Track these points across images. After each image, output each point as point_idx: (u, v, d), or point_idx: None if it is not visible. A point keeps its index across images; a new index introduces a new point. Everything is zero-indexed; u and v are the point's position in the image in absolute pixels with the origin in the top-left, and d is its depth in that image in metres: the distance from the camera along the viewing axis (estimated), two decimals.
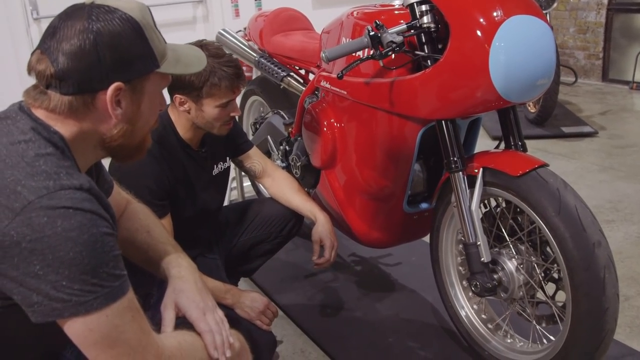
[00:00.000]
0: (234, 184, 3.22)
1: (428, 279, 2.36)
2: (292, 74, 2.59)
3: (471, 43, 1.57)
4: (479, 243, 1.70)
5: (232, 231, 2.19)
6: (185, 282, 1.32)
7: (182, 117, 1.86)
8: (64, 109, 1.05)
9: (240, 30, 2.99)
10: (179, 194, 1.90)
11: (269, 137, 2.69)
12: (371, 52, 1.68)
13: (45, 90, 1.05)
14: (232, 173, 2.97)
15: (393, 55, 1.71)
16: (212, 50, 1.80)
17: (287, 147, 2.54)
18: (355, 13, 2.02)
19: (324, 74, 2.15)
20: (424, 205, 2.14)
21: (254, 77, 3.17)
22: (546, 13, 4.24)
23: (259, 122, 2.86)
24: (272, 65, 2.64)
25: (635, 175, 3.57)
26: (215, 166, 2.06)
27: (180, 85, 1.78)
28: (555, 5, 4.20)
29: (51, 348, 1.16)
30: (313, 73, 2.48)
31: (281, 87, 2.64)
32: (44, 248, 0.92)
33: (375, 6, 2.03)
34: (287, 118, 2.59)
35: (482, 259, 1.70)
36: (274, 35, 2.69)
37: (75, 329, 0.98)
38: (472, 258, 1.72)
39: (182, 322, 1.28)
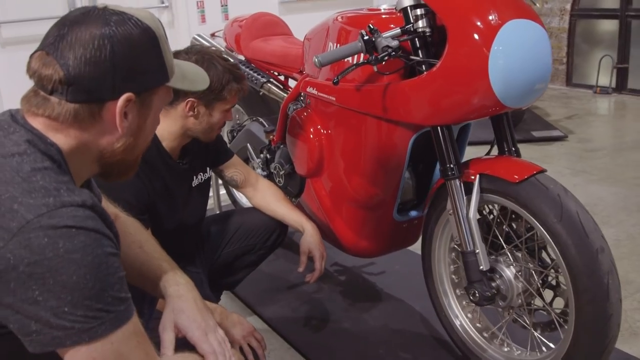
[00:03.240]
0: (211, 201, 3.14)
1: (414, 287, 2.33)
2: (272, 80, 2.53)
3: (470, 47, 1.54)
4: (477, 251, 1.67)
5: (214, 243, 2.11)
6: (185, 301, 1.24)
7: (177, 123, 1.79)
8: (67, 118, 0.97)
9: (218, 32, 2.92)
10: (158, 207, 1.82)
11: (248, 145, 2.62)
12: (367, 57, 1.63)
13: (49, 97, 0.97)
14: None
15: (386, 62, 1.68)
16: (218, 52, 1.77)
17: (269, 155, 2.48)
18: (341, 18, 1.97)
19: (310, 79, 2.09)
20: (413, 213, 2.10)
21: None
22: None
23: (236, 130, 2.79)
24: (251, 72, 2.57)
25: (608, 178, 3.62)
26: (195, 177, 1.98)
27: None
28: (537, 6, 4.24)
29: None
30: (294, 79, 2.42)
31: (260, 93, 2.57)
32: (44, 272, 0.85)
33: (362, 10, 1.98)
34: (267, 125, 2.53)
35: (481, 267, 1.67)
36: (252, 41, 2.62)
37: (77, 358, 0.90)
38: (470, 267, 1.68)
39: (183, 344, 1.21)
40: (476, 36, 1.52)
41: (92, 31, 0.97)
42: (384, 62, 1.66)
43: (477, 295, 1.68)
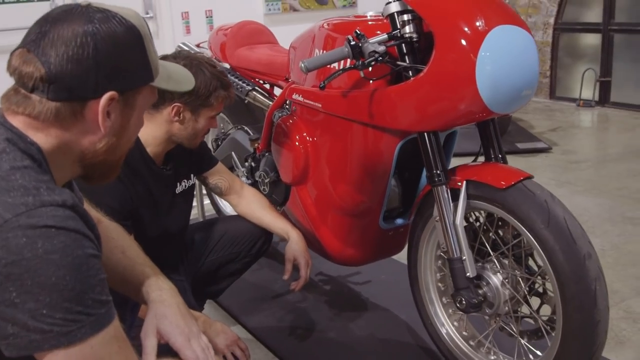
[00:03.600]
0: (194, 203, 3.10)
1: (400, 297, 2.32)
2: (257, 88, 2.52)
3: (457, 53, 1.54)
4: (464, 258, 1.65)
5: (198, 251, 2.08)
6: (168, 306, 1.22)
7: (162, 128, 1.76)
8: (48, 116, 0.95)
9: (202, 43, 2.91)
10: (141, 213, 1.79)
11: (233, 153, 2.60)
12: (354, 62, 1.62)
13: (29, 95, 0.95)
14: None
15: (373, 68, 1.67)
16: (207, 59, 1.76)
17: (253, 164, 2.45)
18: (327, 25, 1.97)
19: (295, 86, 2.08)
20: (399, 221, 2.08)
21: None
22: None
23: (220, 139, 2.76)
24: (236, 80, 2.56)
25: (592, 189, 3.64)
26: (179, 184, 1.95)
27: (186, 92, 1.70)
28: None
29: None
30: (280, 87, 2.41)
31: (245, 101, 2.56)
32: (22, 272, 0.82)
33: (348, 17, 1.98)
34: (252, 134, 2.51)
35: (468, 274, 1.65)
36: (237, 49, 2.61)
37: None
38: (457, 274, 1.66)
39: (165, 350, 1.18)
40: (463, 42, 1.52)
41: (74, 28, 0.94)
42: (370, 68, 1.66)
43: (464, 302, 1.66)
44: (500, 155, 1.77)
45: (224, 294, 2.22)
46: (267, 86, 2.58)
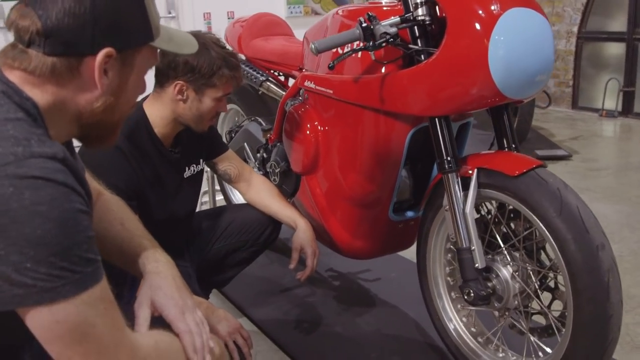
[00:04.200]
0: (206, 198, 3.08)
1: (410, 295, 2.27)
2: (270, 79, 2.50)
3: (469, 34, 1.50)
4: (473, 248, 1.60)
5: (205, 238, 2.06)
6: (163, 278, 1.19)
7: (168, 108, 1.74)
8: (45, 71, 0.93)
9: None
10: (148, 195, 1.77)
11: (245, 144, 2.58)
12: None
13: (26, 50, 0.93)
14: (204, 185, 2.84)
15: (384, 51, 1.64)
16: (215, 39, 1.73)
17: (265, 155, 2.43)
18: (341, 12, 1.94)
19: (308, 73, 2.06)
20: (409, 214, 2.04)
21: None
22: None
23: (234, 131, 2.75)
24: (250, 70, 2.54)
25: (612, 197, 3.56)
26: (187, 168, 1.93)
27: (188, 70, 1.69)
28: None
29: (7, 344, 1.01)
30: (294, 77, 2.39)
31: (260, 92, 2.54)
32: (8, 223, 0.79)
33: (362, 4, 1.95)
34: (264, 124, 2.49)
35: (477, 265, 1.60)
36: (253, 40, 2.59)
37: (38, 320, 0.85)
38: (465, 264, 1.62)
39: (158, 322, 1.15)
40: (476, 23, 1.48)
41: None
42: (381, 49, 1.63)
43: (472, 294, 1.61)
44: (514, 146, 1.72)
45: (231, 286, 2.20)
46: (282, 78, 2.56)
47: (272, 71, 2.55)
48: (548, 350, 1.62)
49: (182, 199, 1.91)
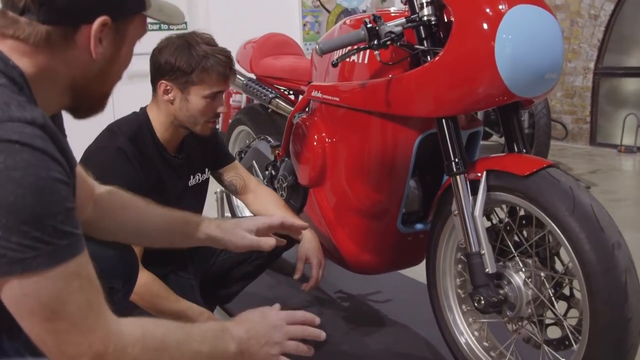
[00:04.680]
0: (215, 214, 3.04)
1: (421, 315, 2.18)
2: (280, 96, 2.49)
3: (475, 31, 1.48)
4: (483, 252, 1.54)
5: (209, 249, 2.01)
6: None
7: (163, 111, 1.73)
8: (38, 40, 0.91)
9: None
10: (150, 199, 1.74)
11: (254, 162, 2.56)
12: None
13: (18, 18, 0.91)
14: (214, 211, 2.80)
15: (390, 54, 1.62)
16: (205, 38, 1.71)
17: (273, 172, 2.40)
18: (348, 21, 1.95)
19: (315, 83, 2.04)
20: (419, 226, 1.98)
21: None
22: None
23: (244, 151, 2.73)
24: (260, 88, 2.54)
25: (632, 226, 3.46)
26: (192, 176, 1.91)
27: (169, 69, 1.67)
28: None
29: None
30: (303, 93, 2.38)
31: (269, 110, 2.53)
32: None
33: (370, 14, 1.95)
34: (273, 141, 2.47)
35: (487, 269, 1.53)
36: (263, 58, 2.60)
37: (8, 292, 0.81)
38: (475, 269, 1.55)
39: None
40: (482, 20, 1.46)
41: None
42: (387, 52, 1.61)
43: (483, 301, 1.54)
44: (524, 151, 1.67)
45: (237, 305, 2.14)
46: (292, 97, 2.55)
47: (282, 89, 2.55)
48: None
49: (186, 207, 1.85)
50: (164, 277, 1.80)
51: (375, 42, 1.54)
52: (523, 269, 1.57)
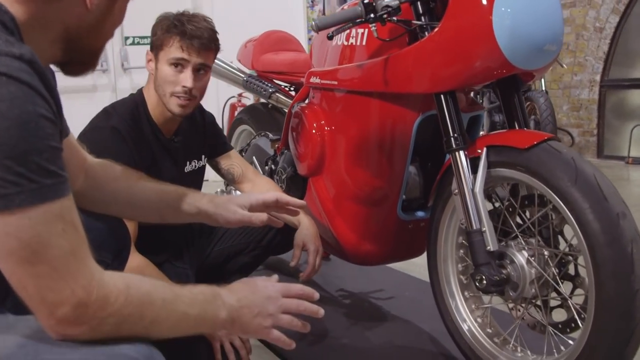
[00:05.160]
0: None
1: (424, 311, 2.14)
2: (279, 90, 2.48)
3: (473, 3, 1.45)
4: (484, 229, 1.49)
5: (205, 239, 1.98)
6: None
7: (152, 87, 1.72)
8: None
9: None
10: None
11: (254, 158, 2.53)
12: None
13: None
14: None
15: (387, 31, 1.60)
16: (189, 14, 1.70)
17: (273, 166, 2.37)
18: (350, 2, 1.93)
19: (313, 70, 2.02)
20: (419, 214, 1.94)
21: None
22: None
23: (244, 149, 2.71)
24: (260, 83, 2.53)
25: None
26: (188, 162, 1.88)
27: (151, 39, 1.67)
28: None
29: None
30: None
31: (270, 105, 2.51)
32: None
33: None
34: (273, 136, 2.45)
35: (488, 247, 1.49)
36: (263, 54, 2.59)
37: None
38: (476, 248, 1.50)
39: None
40: None
41: None
42: (384, 29, 1.59)
43: (484, 280, 1.49)
44: (525, 129, 1.63)
45: None
46: (293, 93, 2.53)
47: (282, 85, 2.54)
48: (571, 342, 1.47)
49: None
50: (159, 266, 1.76)
51: (372, 15, 1.52)
52: (526, 247, 1.52)
